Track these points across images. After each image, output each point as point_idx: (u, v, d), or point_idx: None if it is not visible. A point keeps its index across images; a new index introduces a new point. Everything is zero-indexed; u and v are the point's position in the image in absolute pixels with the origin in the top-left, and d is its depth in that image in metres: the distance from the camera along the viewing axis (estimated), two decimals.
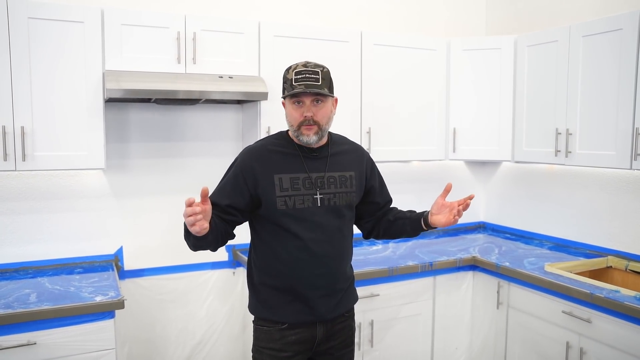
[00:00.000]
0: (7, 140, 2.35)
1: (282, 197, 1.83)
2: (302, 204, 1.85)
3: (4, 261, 2.68)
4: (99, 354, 2.28)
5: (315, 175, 1.88)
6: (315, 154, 1.91)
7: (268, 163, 1.86)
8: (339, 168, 1.93)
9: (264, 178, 1.84)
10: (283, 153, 1.89)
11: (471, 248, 3.31)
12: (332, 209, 1.89)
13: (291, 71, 1.81)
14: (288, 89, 1.81)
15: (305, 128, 1.82)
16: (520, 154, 3.17)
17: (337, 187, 1.91)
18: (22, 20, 2.34)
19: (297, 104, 1.81)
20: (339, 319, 1.97)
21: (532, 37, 3.06)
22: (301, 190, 1.85)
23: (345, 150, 2.00)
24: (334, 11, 3.38)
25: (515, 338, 2.84)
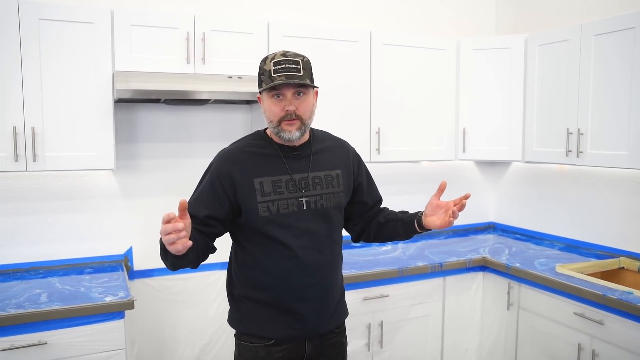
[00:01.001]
0: (18, 140, 2.36)
1: (265, 202, 1.67)
2: (287, 208, 1.68)
3: (15, 261, 2.70)
4: (109, 354, 2.29)
5: (298, 177, 1.72)
6: (297, 153, 1.75)
7: (246, 166, 1.69)
8: (323, 167, 1.77)
9: (243, 183, 1.67)
10: (262, 154, 1.72)
11: (481, 249, 3.29)
12: (320, 212, 1.73)
13: (269, 62, 1.63)
14: (266, 81, 1.63)
15: (286, 123, 1.65)
16: (531, 154, 3.15)
17: (324, 187, 1.75)
18: (33, 21, 2.36)
19: (277, 98, 1.64)
20: (329, 335, 1.81)
21: (542, 36, 3.04)
22: (285, 194, 1.69)
23: (329, 146, 1.84)
24: (343, 11, 3.37)
25: (526, 339, 2.82)
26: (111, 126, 2.53)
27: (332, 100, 2.96)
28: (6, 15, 2.32)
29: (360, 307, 2.78)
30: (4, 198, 2.67)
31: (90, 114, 2.50)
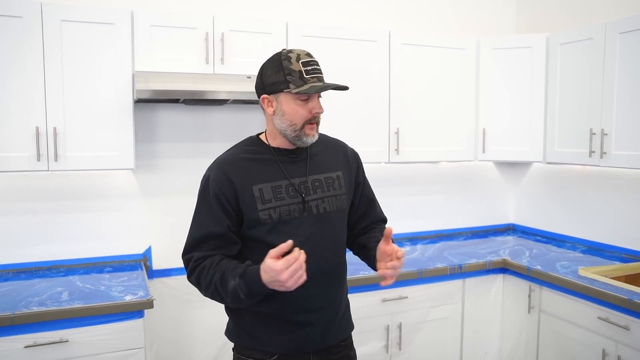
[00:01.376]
0: (40, 140, 2.39)
1: (266, 209, 1.58)
2: (289, 214, 1.59)
3: (37, 259, 2.73)
4: (128, 353, 2.30)
5: (297, 181, 1.63)
6: (295, 156, 1.66)
7: (244, 173, 1.60)
8: (323, 169, 1.69)
9: (243, 191, 1.58)
10: (258, 160, 1.63)
11: (501, 250, 3.24)
12: (322, 216, 1.64)
13: (295, 61, 1.53)
14: (296, 82, 1.52)
15: (310, 127, 1.58)
16: (552, 155, 3.10)
17: (324, 190, 1.66)
18: (56, 23, 2.38)
19: (304, 100, 1.56)
20: (336, 349, 1.70)
21: (565, 35, 2.99)
22: (286, 200, 1.60)
23: (326, 147, 1.75)
24: (361, 11, 3.35)
25: (548, 343, 2.77)
26: (131, 126, 2.55)
27: (351, 100, 2.94)
28: (30, 17, 2.35)
29: (378, 308, 2.76)
30: (27, 197, 2.70)
31: (111, 114, 2.51)
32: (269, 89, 1.57)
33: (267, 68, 1.58)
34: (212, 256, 1.57)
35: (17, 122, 2.36)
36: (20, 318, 2.13)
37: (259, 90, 1.62)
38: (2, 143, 2.35)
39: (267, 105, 1.60)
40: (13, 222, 2.69)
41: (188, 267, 1.60)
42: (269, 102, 1.59)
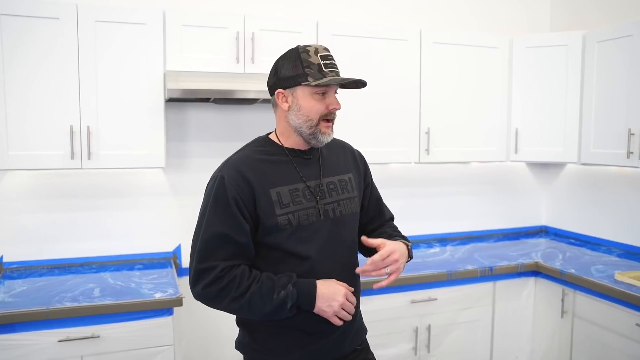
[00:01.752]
0: (74, 139, 2.43)
1: (285, 214, 1.49)
2: (307, 219, 1.51)
3: (71, 255, 2.78)
4: (157, 350, 2.33)
5: (313, 183, 1.55)
6: (308, 157, 1.59)
7: (261, 176, 1.50)
8: (335, 171, 1.63)
9: (261, 195, 1.48)
10: (273, 161, 1.54)
11: (533, 253, 3.17)
12: (339, 220, 1.58)
13: (314, 55, 1.48)
14: (315, 75, 1.46)
15: (325, 125, 1.52)
16: (588, 156, 3.01)
17: (339, 193, 1.60)
18: (90, 23, 2.42)
19: (321, 95, 1.50)
20: (353, 354, 1.65)
21: (602, 32, 2.90)
22: (303, 203, 1.52)
23: (334, 149, 1.68)
24: (392, 9, 3.32)
25: (582, 350, 2.70)
26: (162, 125, 2.58)
27: (381, 100, 2.92)
28: (66, 18, 2.39)
29: (407, 310, 2.73)
30: (61, 194, 2.76)
31: (142, 113, 2.54)
32: (285, 83, 1.51)
33: (283, 62, 1.52)
34: (239, 266, 1.49)
35: (52, 121, 2.41)
36: (54, 313, 2.17)
37: (273, 85, 1.55)
38: (37, 141, 2.40)
39: (282, 101, 1.53)
40: (47, 219, 2.75)
41: (207, 277, 1.46)
42: (284, 97, 1.52)
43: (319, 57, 1.48)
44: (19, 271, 2.69)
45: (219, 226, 1.47)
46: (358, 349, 1.68)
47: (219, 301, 1.49)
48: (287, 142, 1.58)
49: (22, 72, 2.36)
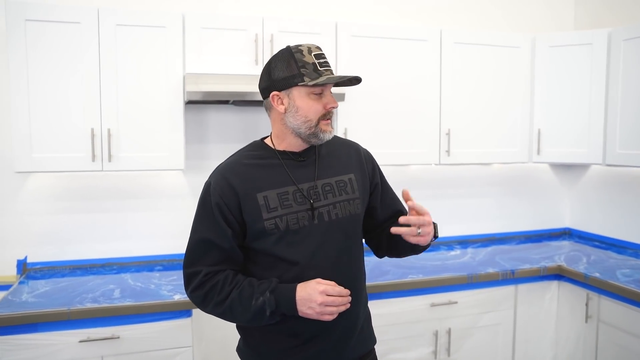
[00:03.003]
0: (95, 142, 2.46)
1: (272, 219, 1.47)
2: (297, 223, 1.48)
3: (92, 257, 2.82)
4: (176, 351, 2.34)
5: (306, 186, 1.52)
6: (302, 159, 1.55)
7: (247, 180, 1.49)
8: (333, 172, 1.57)
9: (247, 200, 1.47)
10: (262, 165, 1.52)
11: (556, 256, 3.11)
12: (334, 224, 1.53)
13: (307, 54, 1.45)
14: (311, 75, 1.44)
15: (325, 123, 1.50)
16: (613, 157, 2.94)
17: (336, 195, 1.54)
18: (111, 27, 2.45)
19: (317, 94, 1.47)
20: None
21: (629, 30, 2.83)
22: (293, 207, 1.48)
23: (335, 149, 1.63)
24: (412, 9, 3.29)
25: (607, 356, 2.63)
26: (181, 127, 2.59)
27: (401, 100, 2.90)
28: (87, 23, 2.42)
29: (427, 313, 2.70)
30: (82, 196, 2.79)
31: (162, 115, 2.56)
32: (279, 84, 1.47)
33: (276, 63, 1.48)
34: (223, 271, 1.49)
35: (74, 124, 2.44)
36: (75, 314, 2.20)
37: (266, 88, 1.51)
38: (59, 144, 2.43)
39: (278, 103, 1.49)
40: (69, 221, 2.79)
41: (193, 281, 1.49)
42: (279, 99, 1.49)
43: (313, 57, 1.45)
44: (42, 271, 2.73)
45: (203, 231, 1.50)
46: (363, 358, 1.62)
47: (205, 305, 1.52)
48: (282, 144, 1.56)
49: (45, 76, 2.40)
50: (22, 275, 2.69)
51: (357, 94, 2.69)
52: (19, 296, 2.36)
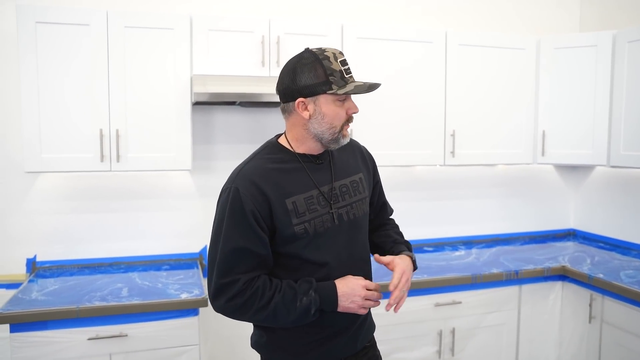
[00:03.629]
0: (103, 142, 2.49)
1: (301, 223, 1.49)
2: (322, 225, 1.52)
3: (100, 256, 2.85)
4: (183, 349, 2.37)
5: (326, 188, 1.55)
6: (320, 162, 1.57)
7: (276, 186, 1.49)
8: (347, 173, 1.62)
9: (277, 206, 1.47)
10: (286, 170, 1.52)
11: (560, 257, 3.13)
12: (353, 223, 1.59)
13: (334, 61, 1.45)
14: (339, 83, 1.45)
15: (347, 128, 1.53)
16: (617, 158, 2.95)
17: (352, 196, 1.60)
18: (120, 29, 2.48)
19: (342, 101, 1.50)
20: (362, 352, 1.67)
21: (633, 32, 2.84)
22: (318, 210, 1.52)
23: (345, 149, 1.65)
24: (417, 12, 3.31)
25: (610, 356, 2.65)
26: (189, 128, 2.62)
27: (406, 102, 2.92)
28: (97, 25, 2.45)
29: (431, 313, 2.72)
30: (90, 196, 2.83)
31: (170, 116, 2.59)
32: (306, 91, 1.46)
33: (302, 69, 1.46)
34: (259, 277, 1.49)
35: (83, 125, 2.48)
36: (84, 312, 2.24)
37: (289, 93, 1.49)
38: (68, 144, 2.47)
39: (302, 109, 1.49)
40: (78, 220, 2.82)
41: (231, 290, 1.46)
42: (304, 105, 1.48)
43: (339, 63, 1.46)
44: (51, 270, 2.77)
45: (238, 240, 1.46)
46: (367, 346, 1.70)
47: (243, 313, 1.49)
48: (301, 148, 1.56)
49: (55, 78, 2.43)
50: (31, 274, 2.73)
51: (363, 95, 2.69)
52: (29, 294, 2.40)
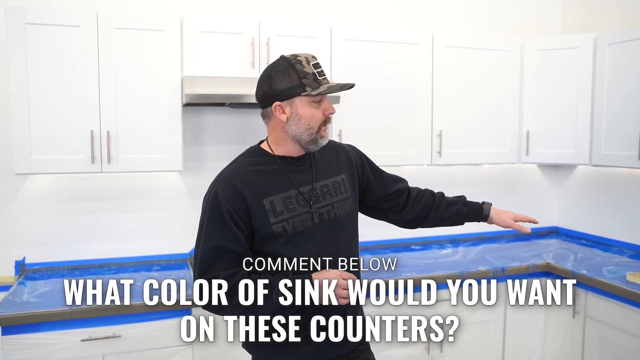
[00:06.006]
0: (94, 143, 2.49)
1: (279, 222, 1.54)
2: (302, 224, 1.57)
3: (90, 257, 2.85)
4: (176, 349, 2.39)
5: (306, 189, 1.60)
6: (300, 164, 1.63)
7: (253, 187, 1.55)
8: (327, 174, 1.67)
9: (254, 205, 1.53)
10: (265, 171, 1.58)
11: (544, 254, 3.20)
12: (335, 222, 1.63)
13: (306, 64, 1.52)
14: (312, 85, 1.51)
15: (325, 129, 1.59)
16: (599, 158, 3.04)
17: (333, 196, 1.65)
18: (110, 30, 2.48)
19: (317, 102, 1.55)
20: (354, 354, 1.70)
21: (614, 35, 2.92)
22: (297, 210, 1.57)
23: (328, 151, 1.71)
24: (405, 14, 3.36)
25: (594, 350, 2.73)
26: (180, 129, 2.63)
27: (394, 102, 2.96)
28: (87, 26, 2.45)
29: (420, 310, 2.76)
30: (80, 197, 2.82)
31: (160, 117, 2.60)
32: (282, 95, 1.53)
33: (276, 74, 1.53)
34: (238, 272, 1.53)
35: (73, 126, 2.47)
36: (76, 313, 2.23)
37: (266, 98, 1.56)
38: (59, 146, 2.46)
39: (280, 113, 1.55)
40: (67, 222, 2.82)
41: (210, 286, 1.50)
42: (282, 109, 1.55)
43: (312, 66, 1.53)
44: (41, 272, 2.75)
45: (216, 239, 1.52)
46: (360, 349, 1.72)
47: (224, 308, 1.53)
48: (280, 150, 1.62)
49: (45, 79, 2.43)
50: (20, 276, 2.72)
51: (351, 96, 2.74)
52: (20, 296, 2.39)
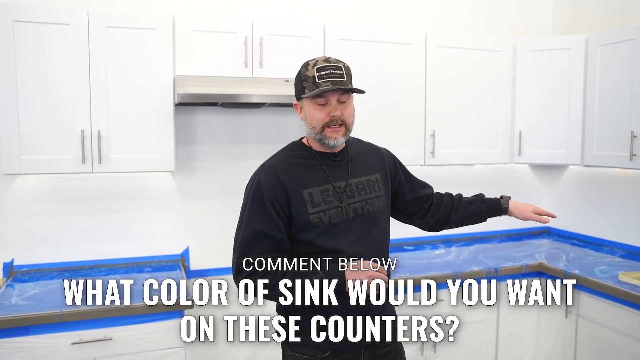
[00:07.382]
0: (85, 144, 2.46)
1: (316, 213, 1.64)
2: (337, 217, 1.66)
3: (80, 258, 2.81)
4: (169, 352, 2.36)
5: (343, 184, 1.70)
6: (338, 159, 1.73)
7: (294, 178, 1.66)
8: (363, 172, 1.76)
9: (294, 196, 1.64)
10: (305, 165, 1.70)
11: (537, 254, 3.21)
12: (368, 217, 1.72)
13: (311, 68, 1.61)
14: (310, 87, 1.60)
15: (331, 130, 1.63)
16: (591, 158, 3.05)
17: (367, 192, 1.74)
18: (101, 29, 2.45)
19: (321, 105, 1.62)
20: (383, 344, 1.77)
21: (605, 36, 2.94)
22: (333, 203, 1.67)
23: (363, 151, 1.82)
24: (398, 14, 3.35)
25: (586, 349, 2.74)
26: (171, 129, 2.60)
27: (387, 102, 2.96)
28: (77, 24, 2.42)
29: (414, 310, 2.75)
30: (70, 198, 2.78)
31: (152, 117, 2.57)
32: (296, 96, 1.70)
33: (295, 77, 1.69)
34: (276, 257, 1.62)
35: (63, 126, 2.44)
36: (67, 316, 2.20)
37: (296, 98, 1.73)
38: (49, 146, 2.42)
39: (299, 112, 1.71)
40: (57, 223, 2.77)
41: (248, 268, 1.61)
42: (299, 109, 1.71)
43: (315, 70, 1.60)
44: (30, 274, 2.71)
45: (257, 224, 1.63)
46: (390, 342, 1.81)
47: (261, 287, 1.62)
48: (315, 146, 1.72)
49: (35, 78, 2.39)
50: (8, 279, 2.67)
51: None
52: (9, 299, 2.35)
